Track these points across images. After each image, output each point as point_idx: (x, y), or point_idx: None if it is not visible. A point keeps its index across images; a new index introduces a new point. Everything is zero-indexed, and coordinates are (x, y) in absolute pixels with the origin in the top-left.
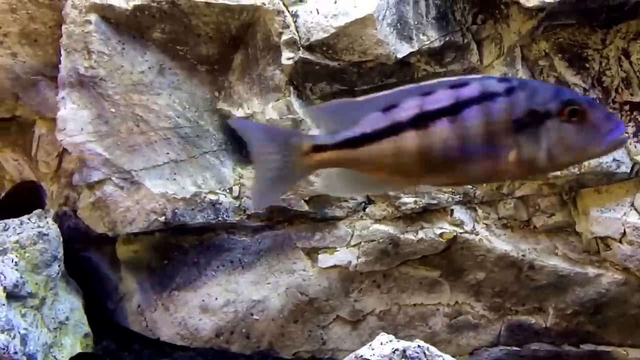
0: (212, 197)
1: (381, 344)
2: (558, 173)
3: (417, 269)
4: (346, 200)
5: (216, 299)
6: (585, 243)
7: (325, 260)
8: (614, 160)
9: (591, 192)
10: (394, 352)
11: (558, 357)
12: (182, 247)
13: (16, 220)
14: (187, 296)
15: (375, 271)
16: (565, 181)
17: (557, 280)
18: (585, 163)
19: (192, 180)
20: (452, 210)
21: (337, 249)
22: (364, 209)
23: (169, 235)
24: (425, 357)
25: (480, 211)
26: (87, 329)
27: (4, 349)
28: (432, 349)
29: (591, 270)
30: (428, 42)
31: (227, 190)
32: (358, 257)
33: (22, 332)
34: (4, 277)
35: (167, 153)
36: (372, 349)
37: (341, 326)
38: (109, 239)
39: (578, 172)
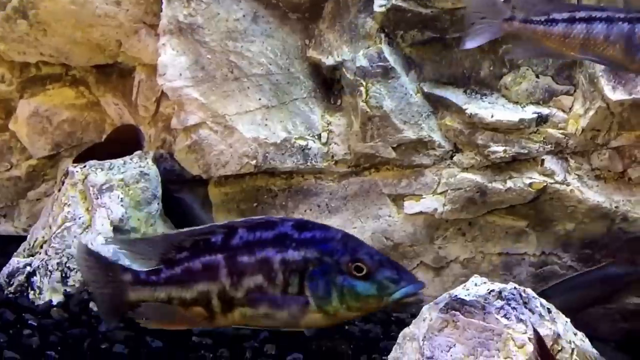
0: (302, 142)
1: (475, 285)
2: None
3: (504, 218)
4: (433, 148)
5: None
6: None
7: (411, 206)
8: None
9: None
10: (489, 293)
11: None
12: (272, 191)
13: (120, 160)
14: None
15: (460, 219)
16: None
17: None
18: None
19: (282, 125)
20: (542, 160)
21: (423, 196)
22: (451, 157)
23: (259, 179)
24: (522, 298)
25: (572, 161)
26: None
27: None
28: (529, 291)
29: None
30: None
31: (316, 137)
32: (444, 205)
33: (127, 263)
34: (111, 211)
35: (259, 99)
36: (467, 290)
37: (425, 272)
38: (202, 181)
39: None
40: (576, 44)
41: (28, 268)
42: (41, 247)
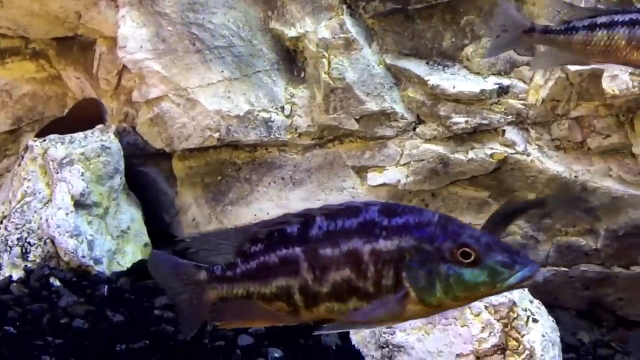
0: (265, 115)
1: None
2: (617, 93)
3: (466, 189)
4: (396, 120)
5: (268, 213)
6: None
7: (375, 178)
8: None
9: None
10: None
11: (607, 279)
12: (235, 164)
13: (80, 134)
14: (240, 211)
15: (424, 190)
16: (623, 101)
17: (610, 201)
18: None
19: (245, 98)
20: (503, 131)
21: (387, 168)
22: (414, 129)
23: (223, 152)
24: None
25: (532, 132)
26: (146, 239)
27: (73, 252)
28: None
29: None
30: None
31: (279, 109)
32: (407, 176)
33: (89, 238)
34: (72, 186)
35: (222, 71)
36: None
37: None
38: (166, 154)
39: (638, 92)
40: (598, 51)
41: None
42: (1, 222)
